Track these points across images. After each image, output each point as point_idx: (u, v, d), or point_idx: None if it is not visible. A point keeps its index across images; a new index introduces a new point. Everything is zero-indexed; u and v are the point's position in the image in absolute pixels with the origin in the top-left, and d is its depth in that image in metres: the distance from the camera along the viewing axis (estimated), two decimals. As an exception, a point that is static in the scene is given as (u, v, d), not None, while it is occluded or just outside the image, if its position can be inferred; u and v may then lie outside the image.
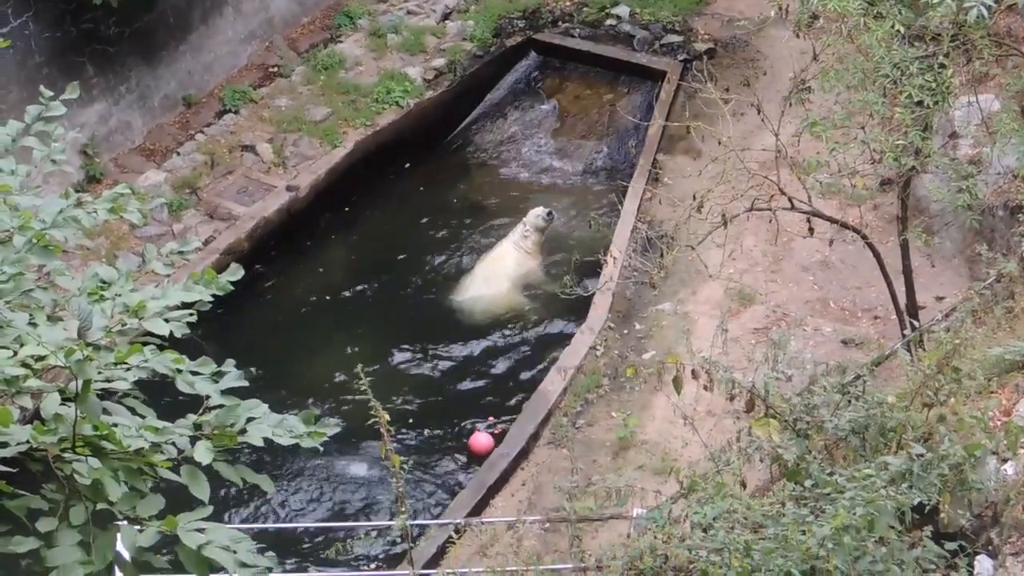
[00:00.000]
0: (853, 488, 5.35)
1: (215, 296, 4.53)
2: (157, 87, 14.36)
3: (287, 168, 14.14)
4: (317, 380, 11.99)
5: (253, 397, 4.16)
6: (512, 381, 12.12)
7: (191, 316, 4.44)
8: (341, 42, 16.00)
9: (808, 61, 8.92)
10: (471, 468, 11.01)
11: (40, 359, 3.92)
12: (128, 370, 4.11)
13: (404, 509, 6.73)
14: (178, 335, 4.33)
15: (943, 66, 8.19)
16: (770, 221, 9.03)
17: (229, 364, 4.27)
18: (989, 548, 5.85)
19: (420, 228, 14.16)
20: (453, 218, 14.30)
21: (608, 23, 16.45)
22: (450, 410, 11.80)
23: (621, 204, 12.76)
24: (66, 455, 3.90)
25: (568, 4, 16.78)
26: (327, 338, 12.55)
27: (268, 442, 4.07)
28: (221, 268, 4.70)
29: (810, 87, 8.88)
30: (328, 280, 13.51)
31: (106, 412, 4.00)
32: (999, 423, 6.44)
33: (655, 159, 14.14)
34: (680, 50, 15.90)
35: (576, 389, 11.26)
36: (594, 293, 11.78)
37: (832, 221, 9.52)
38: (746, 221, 9.58)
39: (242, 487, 6.32)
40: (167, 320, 4.32)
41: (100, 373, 4.03)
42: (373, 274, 13.54)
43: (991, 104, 10.42)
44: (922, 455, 5.63)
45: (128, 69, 13.94)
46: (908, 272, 9.66)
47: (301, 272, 13.55)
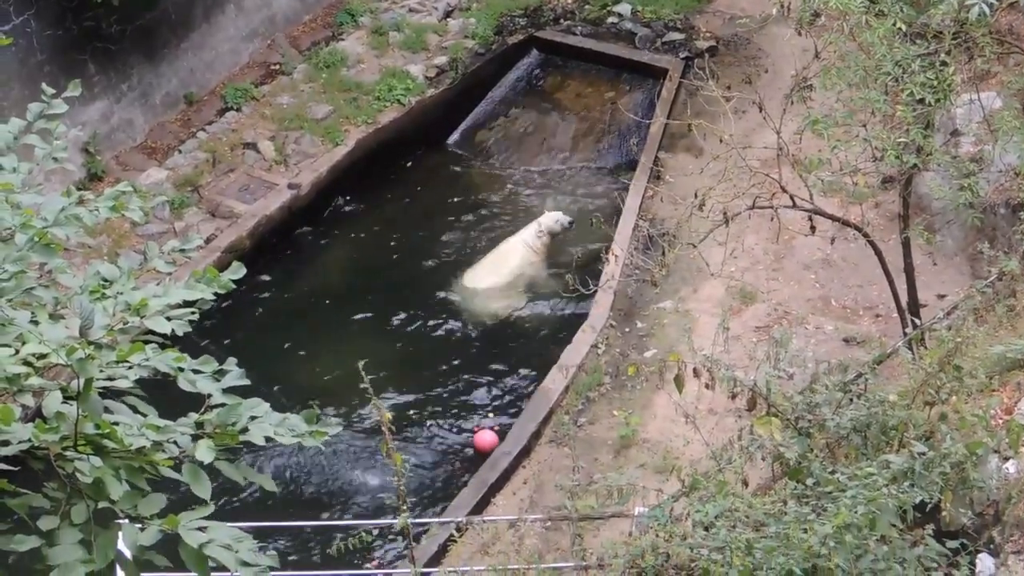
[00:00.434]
0: (855, 486, 5.35)
1: (216, 294, 4.53)
2: (159, 85, 14.36)
3: (289, 166, 14.14)
4: (317, 378, 11.98)
5: (253, 396, 4.16)
6: (513, 379, 12.12)
7: (193, 314, 4.43)
8: (343, 40, 15.99)
9: (810, 59, 8.93)
10: (473, 466, 11.00)
11: (42, 357, 3.91)
12: (130, 368, 4.11)
13: (405, 507, 6.73)
14: (180, 333, 4.33)
15: (945, 64, 8.19)
16: (772, 219, 9.02)
17: (231, 363, 4.27)
18: (991, 546, 5.85)
19: (421, 226, 14.16)
20: (454, 216, 14.30)
21: (610, 21, 16.44)
22: (451, 409, 11.81)
23: (623, 202, 12.78)
24: (68, 453, 3.89)
25: (570, 2, 16.76)
26: (328, 336, 12.54)
27: (270, 440, 4.07)
28: (223, 266, 4.69)
29: (812, 85, 8.90)
30: (329, 278, 13.52)
31: (108, 410, 3.99)
32: (1001, 421, 6.45)
33: (657, 157, 14.14)
34: (682, 48, 15.89)
35: (578, 387, 11.26)
36: (596, 291, 11.77)
37: (834, 219, 9.52)
38: (747, 219, 9.57)
39: (243, 486, 6.39)
40: (169, 318, 4.31)
41: (102, 371, 4.03)
42: (374, 272, 13.54)
43: (993, 102, 10.42)
44: (924, 453, 5.62)
45: (130, 67, 13.94)
46: (910, 270, 9.66)
47: (302, 270, 13.56)
